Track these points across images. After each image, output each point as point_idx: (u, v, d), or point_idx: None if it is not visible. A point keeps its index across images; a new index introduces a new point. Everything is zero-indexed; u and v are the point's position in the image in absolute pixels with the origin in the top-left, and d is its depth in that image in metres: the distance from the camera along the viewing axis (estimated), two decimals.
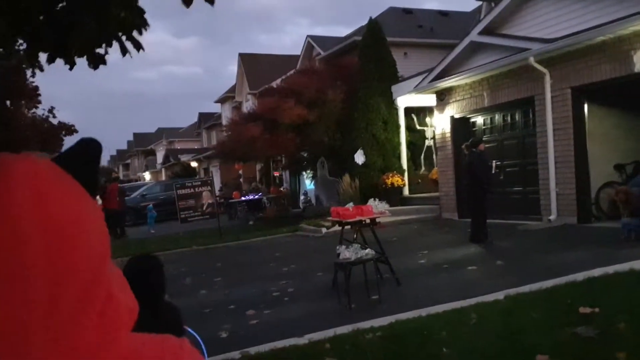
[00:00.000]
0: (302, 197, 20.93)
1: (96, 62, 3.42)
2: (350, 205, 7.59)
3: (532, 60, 10.99)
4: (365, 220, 7.33)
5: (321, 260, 10.26)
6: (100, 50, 3.43)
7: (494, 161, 10.27)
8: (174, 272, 10.74)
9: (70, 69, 3.45)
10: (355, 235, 7.37)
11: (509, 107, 12.58)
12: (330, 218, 8.43)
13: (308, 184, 21.33)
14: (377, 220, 7.35)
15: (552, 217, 11.12)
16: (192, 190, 15.29)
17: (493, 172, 10.25)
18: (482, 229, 10.05)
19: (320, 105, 16.42)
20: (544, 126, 11.28)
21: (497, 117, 13.13)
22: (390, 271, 7.27)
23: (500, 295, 5.89)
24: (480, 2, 22.47)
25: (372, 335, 4.87)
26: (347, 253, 6.52)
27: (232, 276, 9.67)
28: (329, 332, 5.31)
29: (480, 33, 12.60)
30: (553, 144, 11.12)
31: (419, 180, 17.14)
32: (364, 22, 17.90)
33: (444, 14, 26.46)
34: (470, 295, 6.15)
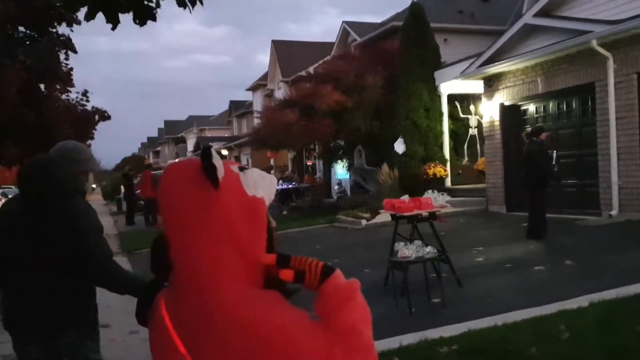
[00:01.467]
0: (336, 187, 20.35)
1: (144, 16, 2.85)
2: (405, 197, 6.97)
3: (594, 43, 10.17)
4: (421, 214, 6.70)
5: (366, 255, 9.71)
6: (150, 3, 2.87)
7: (554, 151, 9.52)
8: None
9: (113, 27, 2.90)
10: (411, 232, 6.75)
11: (565, 94, 11.76)
12: (381, 210, 7.81)
13: (343, 173, 20.73)
14: (437, 214, 6.72)
15: (613, 212, 10.33)
16: None
17: (554, 162, 9.49)
18: (541, 224, 9.34)
19: (358, 91, 15.76)
20: (606, 114, 10.46)
21: (552, 105, 12.31)
22: (451, 270, 6.64)
23: (583, 302, 5.24)
24: None
25: (448, 349, 4.27)
26: (407, 251, 5.92)
27: None
28: (393, 342, 4.73)
29: (536, 15, 11.77)
30: (616, 133, 10.31)
31: (460, 171, 16.40)
32: (395, 11, 17.16)
33: (484, 0, 25.45)
34: (545, 300, 5.51)
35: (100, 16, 2.86)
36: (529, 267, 7.27)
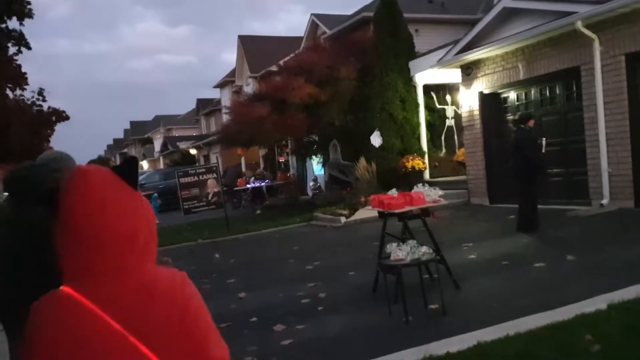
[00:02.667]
0: (311, 183, 19.64)
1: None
2: (393, 192, 6.32)
3: (579, 24, 9.68)
4: (412, 211, 6.06)
5: (348, 256, 9.06)
6: None
7: (543, 139, 9.00)
8: None
9: None
10: (403, 231, 6.11)
11: (548, 80, 11.28)
12: (368, 207, 7.15)
13: (317, 169, 20.04)
14: (430, 210, 6.09)
15: (604, 202, 9.88)
16: (196, 178, 14.01)
17: (543, 151, 8.97)
18: (532, 216, 8.83)
19: (332, 83, 15.08)
20: (593, 99, 10.00)
21: (534, 91, 11.82)
22: (447, 272, 6.03)
23: (600, 304, 4.66)
24: None
25: None
26: (400, 252, 5.27)
27: (247, 276, 8.43)
28: None
29: None
30: (604, 118, 9.85)
31: (436, 164, 15.90)
32: (361, 5, 16.48)
33: None
34: (556, 302, 4.94)
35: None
36: (528, 264, 6.70)
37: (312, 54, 16.25)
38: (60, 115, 16.50)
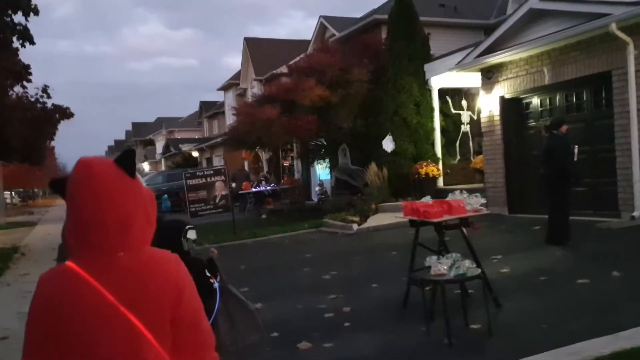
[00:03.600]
0: (317, 188, 19.12)
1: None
2: (427, 199, 5.80)
3: (614, 27, 9.18)
4: (447, 221, 5.53)
5: (366, 266, 8.54)
6: None
7: (575, 146, 8.50)
8: None
9: None
10: (440, 243, 5.59)
11: (575, 85, 10.77)
12: (398, 216, 6.62)
13: (323, 173, 19.52)
14: (471, 220, 5.56)
15: (636, 214, 9.35)
16: (203, 180, 13.48)
17: (575, 159, 8.47)
18: (564, 227, 8.31)
19: (343, 85, 14.59)
20: (625, 106, 9.50)
21: (559, 97, 11.32)
22: (487, 288, 5.48)
23: None
24: None
25: None
26: (441, 267, 4.74)
27: (262, 285, 7.87)
28: None
29: None
30: (637, 127, 9.34)
31: (448, 171, 15.37)
32: (361, 13, 15.97)
33: None
34: (613, 325, 4.42)
35: None
36: (569, 280, 6.18)
37: (324, 55, 15.76)
38: (64, 113, 15.97)
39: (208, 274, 3.54)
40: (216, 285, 3.55)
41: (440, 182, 14.66)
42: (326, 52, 16.05)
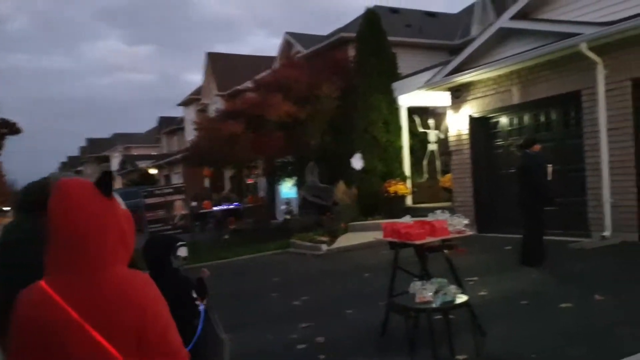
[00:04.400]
0: (283, 207, 18.70)
1: None
2: (407, 218, 5.50)
3: (584, 47, 9.18)
4: (428, 243, 5.23)
5: (339, 289, 8.16)
6: None
7: (550, 165, 8.39)
8: None
9: None
10: (422, 267, 5.28)
11: (544, 105, 10.75)
12: (377, 237, 6.30)
13: (290, 192, 19.12)
14: (454, 243, 5.27)
15: (606, 233, 9.29)
16: (162, 199, 12.94)
17: (549, 177, 8.35)
18: (538, 248, 8.14)
19: (312, 101, 14.31)
20: (595, 125, 9.49)
21: (528, 117, 11.29)
22: (471, 315, 5.17)
23: None
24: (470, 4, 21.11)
25: None
26: (427, 293, 4.41)
27: (227, 312, 7.31)
28: None
29: (513, 18, 10.74)
30: (607, 146, 9.33)
31: (415, 189, 15.21)
32: (331, 30, 15.83)
33: (430, 14, 24.78)
34: (612, 353, 4.17)
35: None
36: (552, 304, 5.95)
37: (292, 70, 15.48)
38: (12, 128, 15.18)
39: (195, 295, 3.31)
40: (201, 307, 3.35)
41: (409, 201, 14.48)
42: (293, 68, 15.77)
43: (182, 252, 3.48)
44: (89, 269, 1.53)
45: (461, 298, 4.50)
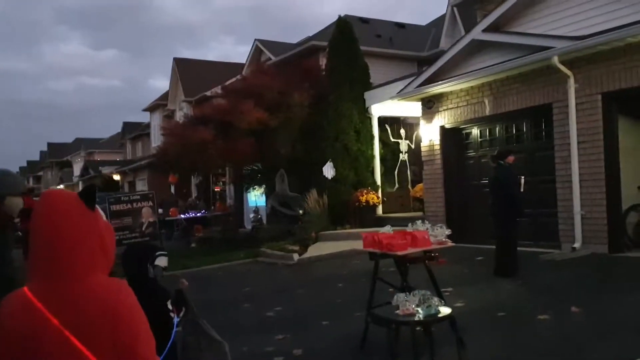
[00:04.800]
0: (251, 215, 18.45)
1: None
2: (388, 228, 5.41)
3: (556, 60, 9.32)
4: (409, 254, 5.14)
5: (313, 300, 8.01)
6: None
7: (522, 177, 8.44)
8: None
9: None
10: (403, 279, 5.18)
11: (515, 117, 10.86)
12: (355, 247, 6.19)
13: (259, 200, 18.89)
14: (435, 254, 5.20)
15: (576, 245, 9.40)
16: (129, 206, 12.56)
17: (522, 189, 8.40)
18: (511, 259, 8.17)
19: (283, 109, 14.16)
20: (566, 138, 9.62)
21: (499, 128, 11.40)
22: (451, 327, 5.10)
23: None
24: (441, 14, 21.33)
25: None
26: (410, 305, 4.32)
27: None
28: None
29: (486, 30, 10.84)
30: (578, 159, 9.46)
31: (385, 199, 15.21)
32: (300, 38, 15.78)
33: (400, 25, 24.98)
34: None
35: None
36: (529, 316, 5.94)
37: (262, 77, 15.31)
38: None
39: (170, 306, 3.26)
40: (176, 320, 3.29)
41: (380, 210, 14.45)
42: (264, 75, 15.60)
43: (162, 262, 3.39)
44: (70, 277, 1.61)
45: (445, 311, 4.41)
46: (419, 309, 4.34)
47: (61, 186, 53.01)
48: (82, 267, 1.63)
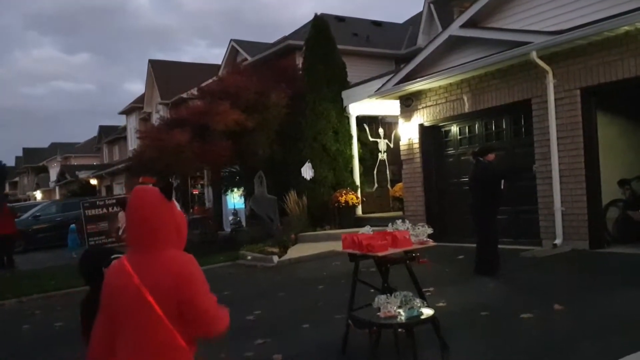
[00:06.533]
0: (230, 218, 18.19)
1: None
2: (367, 229, 5.25)
3: (534, 55, 9.26)
4: (390, 255, 4.98)
5: (293, 303, 7.83)
6: None
7: (506, 175, 8.34)
8: None
9: None
10: (385, 280, 5.04)
11: (495, 113, 10.80)
12: (335, 248, 6.03)
13: (238, 202, 18.64)
14: (416, 254, 5.05)
15: (557, 242, 9.35)
16: (104, 210, 12.26)
17: (502, 187, 8.31)
18: (492, 257, 8.07)
19: (260, 109, 13.95)
20: (545, 134, 9.57)
21: (478, 125, 11.33)
22: (434, 328, 4.95)
23: None
24: (418, 12, 21.29)
25: None
26: (392, 307, 4.17)
27: None
28: None
29: (463, 26, 10.77)
30: (558, 154, 9.41)
31: (364, 199, 15.09)
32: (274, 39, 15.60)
33: (377, 23, 24.91)
34: None
35: None
36: (513, 315, 5.83)
37: (239, 77, 15.07)
38: None
39: None
40: None
41: (359, 211, 14.32)
42: (241, 75, 15.37)
43: None
44: (151, 250, 2.23)
45: (428, 312, 4.27)
46: (401, 311, 4.21)
47: (37, 192, 52.08)
48: (161, 243, 2.23)
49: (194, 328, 2.19)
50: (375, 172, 15.43)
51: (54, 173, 50.49)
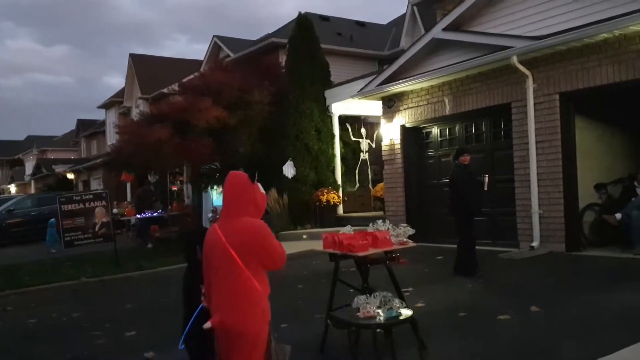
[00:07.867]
0: (209, 215, 18.06)
1: None
2: (348, 229, 5.26)
3: (515, 59, 9.38)
4: (370, 255, 5.00)
5: (272, 302, 7.66)
6: None
7: (485, 176, 8.41)
8: (63, 321, 7.75)
9: None
10: (364, 280, 5.04)
11: (475, 116, 10.91)
12: (314, 248, 6.03)
13: (217, 200, 18.52)
14: (396, 254, 5.07)
15: (534, 244, 9.48)
16: (81, 205, 12.06)
17: (486, 188, 8.36)
18: (470, 258, 8.15)
19: (243, 107, 13.89)
20: (524, 138, 9.70)
21: (459, 127, 11.42)
22: (412, 329, 4.97)
23: None
24: (402, 14, 21.37)
25: None
26: (370, 308, 4.18)
27: (153, 328, 6.90)
28: None
29: (446, 29, 10.84)
30: (536, 158, 9.54)
31: (345, 198, 15.12)
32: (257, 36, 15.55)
33: (360, 24, 24.98)
34: None
35: None
36: (490, 316, 5.88)
37: (221, 73, 14.97)
38: None
39: None
40: None
41: (341, 210, 14.35)
42: (223, 71, 15.28)
43: None
44: (235, 217, 3.11)
45: (406, 313, 4.29)
46: (380, 311, 4.22)
47: (12, 185, 51.21)
48: (243, 212, 3.11)
49: (270, 263, 3.09)
50: (356, 171, 15.48)
51: (29, 166, 49.70)
